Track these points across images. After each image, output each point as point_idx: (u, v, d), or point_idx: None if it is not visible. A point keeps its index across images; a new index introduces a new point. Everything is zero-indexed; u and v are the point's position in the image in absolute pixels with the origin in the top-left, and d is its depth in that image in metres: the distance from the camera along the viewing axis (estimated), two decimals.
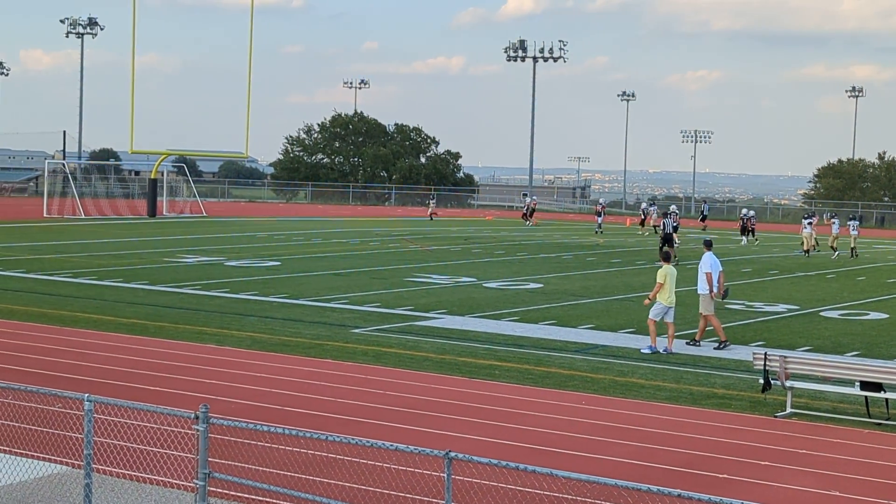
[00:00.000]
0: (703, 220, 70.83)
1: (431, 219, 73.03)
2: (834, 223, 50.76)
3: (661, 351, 20.96)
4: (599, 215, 64.35)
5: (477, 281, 32.94)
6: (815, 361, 17.01)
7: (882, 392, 16.11)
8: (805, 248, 48.18)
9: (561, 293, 30.19)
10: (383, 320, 24.38)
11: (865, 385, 16.15)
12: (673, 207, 59.99)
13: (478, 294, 29.72)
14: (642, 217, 67.24)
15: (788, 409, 16.19)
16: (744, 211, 61.01)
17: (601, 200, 76.93)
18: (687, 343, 21.79)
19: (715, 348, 21.40)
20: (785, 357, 16.61)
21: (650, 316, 21.33)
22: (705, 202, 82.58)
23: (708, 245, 23.20)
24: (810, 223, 48.49)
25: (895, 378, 15.98)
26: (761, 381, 16.62)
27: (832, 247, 49.12)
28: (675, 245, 42.41)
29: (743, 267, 40.96)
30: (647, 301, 21.75)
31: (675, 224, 45.37)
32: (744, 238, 56.62)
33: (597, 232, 61.51)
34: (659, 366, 19.75)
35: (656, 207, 65.99)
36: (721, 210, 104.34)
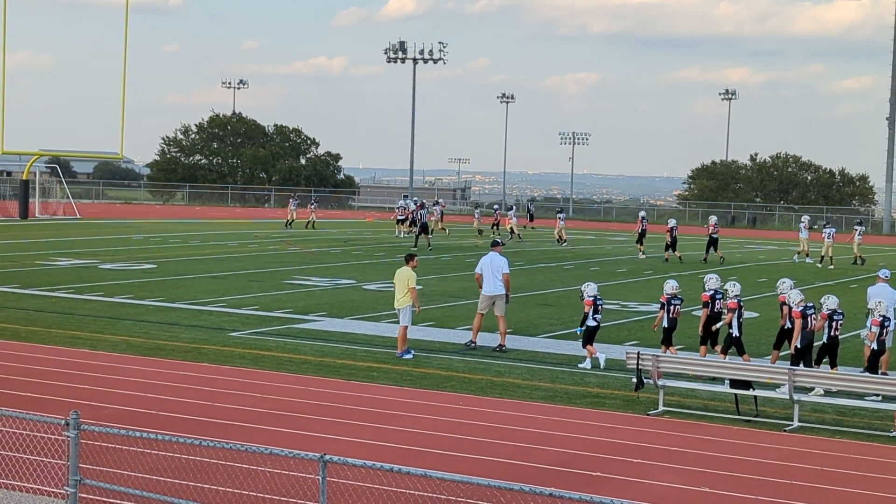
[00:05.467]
0: (531, 219, 71.22)
1: (308, 226, 62.59)
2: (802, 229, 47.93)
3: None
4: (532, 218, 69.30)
5: (356, 283, 32.91)
6: (687, 360, 17.44)
7: (751, 390, 16.58)
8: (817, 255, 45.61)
9: (439, 294, 30.32)
10: (262, 323, 24.23)
11: (735, 383, 16.60)
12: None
13: (357, 296, 29.71)
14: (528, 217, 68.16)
15: (661, 408, 16.55)
16: (530, 206, 70.58)
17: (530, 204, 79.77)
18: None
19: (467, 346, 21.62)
20: (657, 356, 16.98)
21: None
22: (531, 202, 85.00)
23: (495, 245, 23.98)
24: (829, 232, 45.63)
25: (763, 376, 16.47)
26: (634, 379, 16.95)
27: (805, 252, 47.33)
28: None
29: (618, 267, 41.64)
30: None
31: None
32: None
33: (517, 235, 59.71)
34: (536, 366, 20.01)
35: (514, 210, 65.47)
36: (598, 211, 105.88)
